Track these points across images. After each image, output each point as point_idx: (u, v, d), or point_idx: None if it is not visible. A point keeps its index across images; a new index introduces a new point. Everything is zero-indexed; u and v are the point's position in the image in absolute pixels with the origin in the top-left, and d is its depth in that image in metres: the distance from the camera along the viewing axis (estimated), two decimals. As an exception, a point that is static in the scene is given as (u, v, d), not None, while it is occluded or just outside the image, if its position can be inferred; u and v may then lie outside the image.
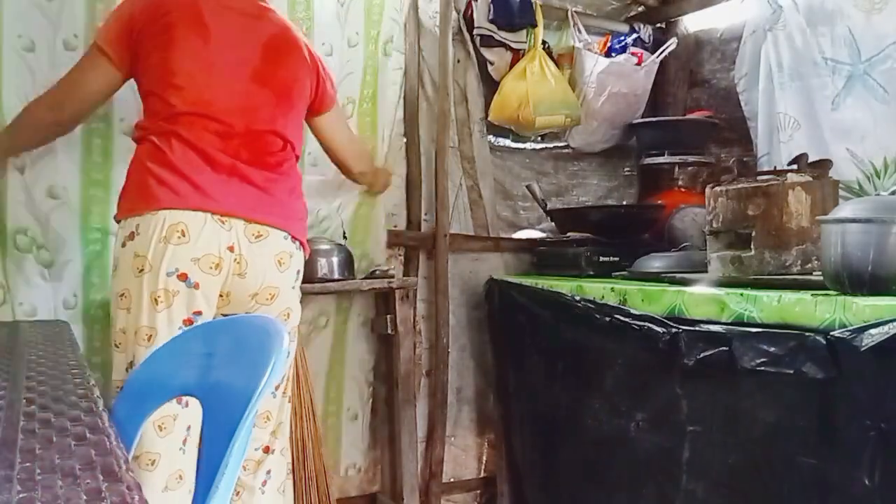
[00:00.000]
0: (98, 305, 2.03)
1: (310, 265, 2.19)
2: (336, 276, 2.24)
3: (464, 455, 2.71)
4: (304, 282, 1.90)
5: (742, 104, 2.62)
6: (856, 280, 1.44)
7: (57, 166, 1.96)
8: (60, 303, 1.99)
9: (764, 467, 1.58)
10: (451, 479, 2.67)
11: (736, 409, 1.63)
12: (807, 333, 1.44)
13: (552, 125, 2.72)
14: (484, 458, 2.75)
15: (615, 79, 2.79)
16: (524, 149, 2.97)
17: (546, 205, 2.74)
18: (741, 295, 1.61)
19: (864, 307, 1.37)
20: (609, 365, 1.98)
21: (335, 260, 2.26)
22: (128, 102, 2.05)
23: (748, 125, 2.61)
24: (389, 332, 2.45)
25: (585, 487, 2.16)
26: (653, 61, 2.87)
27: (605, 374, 2.00)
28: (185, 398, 1.47)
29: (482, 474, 2.74)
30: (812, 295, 1.47)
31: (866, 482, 1.37)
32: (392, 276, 2.38)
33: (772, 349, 1.50)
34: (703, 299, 1.70)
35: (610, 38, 2.93)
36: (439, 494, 2.56)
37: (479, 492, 2.75)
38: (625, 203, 3.14)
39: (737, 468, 1.64)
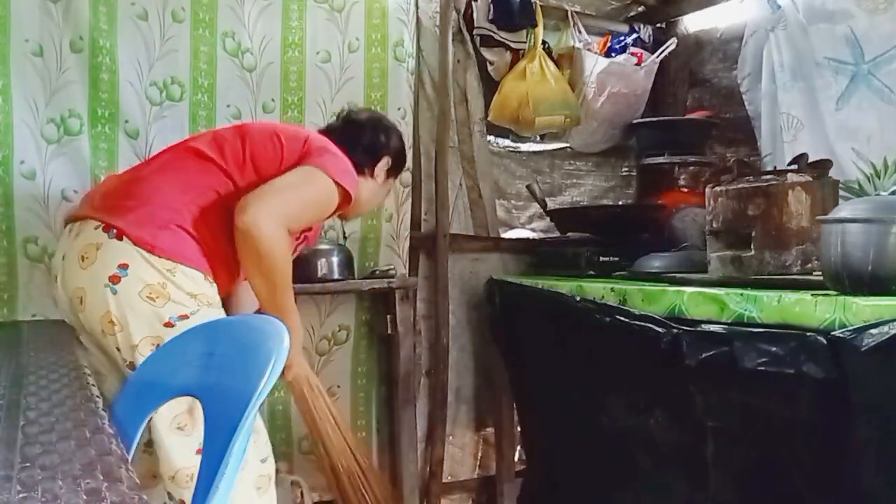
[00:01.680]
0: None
1: (310, 265, 2.20)
2: (336, 276, 2.24)
3: (463, 454, 2.71)
4: (304, 282, 1.90)
5: (746, 104, 2.62)
6: (856, 280, 1.44)
7: (66, 172, 1.98)
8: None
9: (763, 467, 1.58)
10: (451, 479, 2.67)
11: (736, 409, 1.63)
12: (807, 333, 1.43)
13: (552, 125, 2.72)
14: (484, 457, 2.75)
15: (615, 79, 2.79)
16: (521, 148, 2.98)
17: (546, 204, 2.74)
18: (741, 295, 1.60)
19: (864, 307, 1.37)
20: (609, 365, 1.98)
21: (335, 260, 2.25)
22: (130, 102, 2.06)
23: (752, 125, 2.61)
24: (389, 332, 2.45)
25: (585, 486, 2.16)
26: (653, 61, 2.87)
27: (605, 375, 2.00)
28: None
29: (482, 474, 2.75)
30: (812, 295, 1.47)
31: (866, 482, 1.37)
32: (392, 276, 2.38)
33: (772, 349, 1.49)
34: (703, 299, 1.70)
35: (610, 38, 2.93)
36: (439, 494, 2.56)
37: (478, 492, 2.75)
38: (625, 203, 3.14)
39: (737, 469, 1.64)
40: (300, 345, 1.74)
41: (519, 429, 2.67)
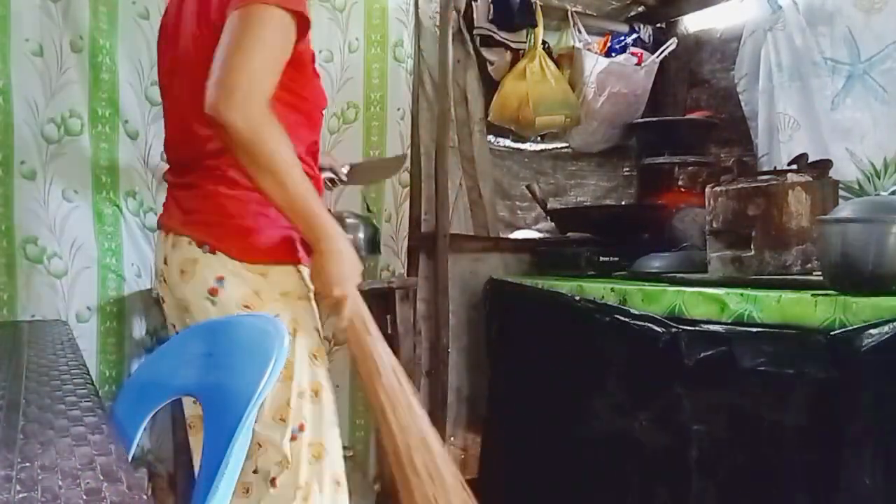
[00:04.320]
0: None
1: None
2: (363, 253, 2.15)
3: (463, 455, 2.70)
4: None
5: (742, 104, 2.63)
6: (856, 280, 1.44)
7: (67, 172, 1.98)
8: (74, 315, 2.00)
9: (763, 467, 1.58)
10: (451, 479, 2.66)
11: (735, 408, 1.63)
12: (807, 333, 1.44)
13: (552, 125, 2.72)
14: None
15: (615, 79, 2.79)
16: (523, 149, 2.98)
17: (546, 205, 2.74)
18: (741, 295, 1.60)
19: (864, 307, 1.37)
20: (609, 365, 1.98)
21: (360, 237, 2.16)
22: (130, 103, 2.06)
23: (749, 125, 2.61)
24: (389, 332, 2.45)
25: (586, 486, 2.16)
26: (653, 61, 2.87)
27: (605, 375, 2.00)
28: None
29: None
30: (812, 295, 1.47)
31: (866, 482, 1.37)
32: (391, 276, 2.38)
33: (772, 349, 1.50)
34: (704, 299, 1.70)
35: (610, 38, 2.93)
36: (439, 494, 2.56)
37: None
38: (625, 203, 3.14)
39: (736, 468, 1.64)
40: (350, 265, 1.41)
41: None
